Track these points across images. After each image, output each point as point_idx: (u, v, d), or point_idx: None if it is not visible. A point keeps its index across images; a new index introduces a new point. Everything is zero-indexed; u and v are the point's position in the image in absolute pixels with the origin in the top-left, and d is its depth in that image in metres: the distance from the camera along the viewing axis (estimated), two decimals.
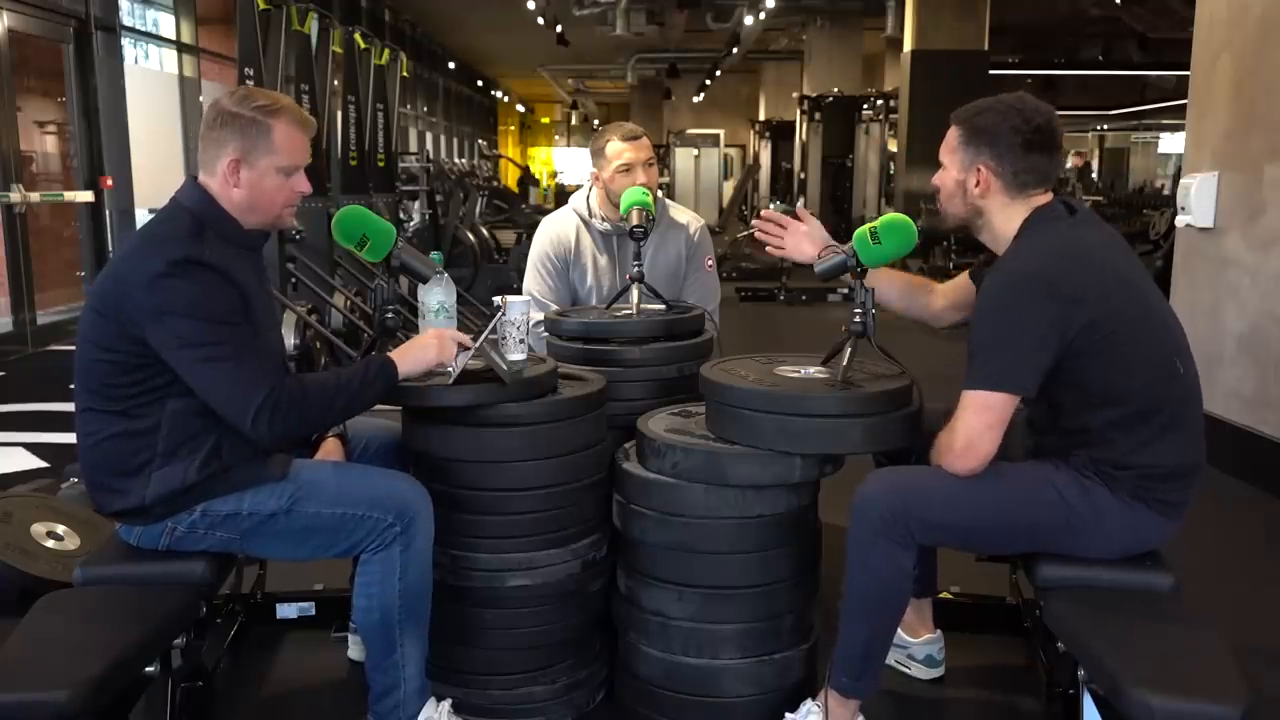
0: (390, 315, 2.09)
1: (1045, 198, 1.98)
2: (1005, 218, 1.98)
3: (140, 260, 1.86)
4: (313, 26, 6.43)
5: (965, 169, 1.99)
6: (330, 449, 2.16)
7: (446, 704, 2.05)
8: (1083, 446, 1.92)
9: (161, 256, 1.82)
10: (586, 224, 2.98)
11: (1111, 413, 1.89)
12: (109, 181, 7.83)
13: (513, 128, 36.08)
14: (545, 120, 37.65)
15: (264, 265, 2.11)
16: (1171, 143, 24.41)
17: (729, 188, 19.65)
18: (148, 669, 1.81)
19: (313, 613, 2.59)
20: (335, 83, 7.13)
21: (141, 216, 8.39)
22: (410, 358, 1.97)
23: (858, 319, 2.03)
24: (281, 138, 1.92)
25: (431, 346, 1.99)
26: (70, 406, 1.93)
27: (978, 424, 1.84)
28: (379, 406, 2.08)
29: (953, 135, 2.02)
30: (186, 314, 1.81)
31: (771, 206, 14.34)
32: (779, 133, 17.89)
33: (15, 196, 6.85)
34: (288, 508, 1.93)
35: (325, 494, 1.94)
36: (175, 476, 1.89)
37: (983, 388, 1.85)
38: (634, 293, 2.58)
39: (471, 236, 8.91)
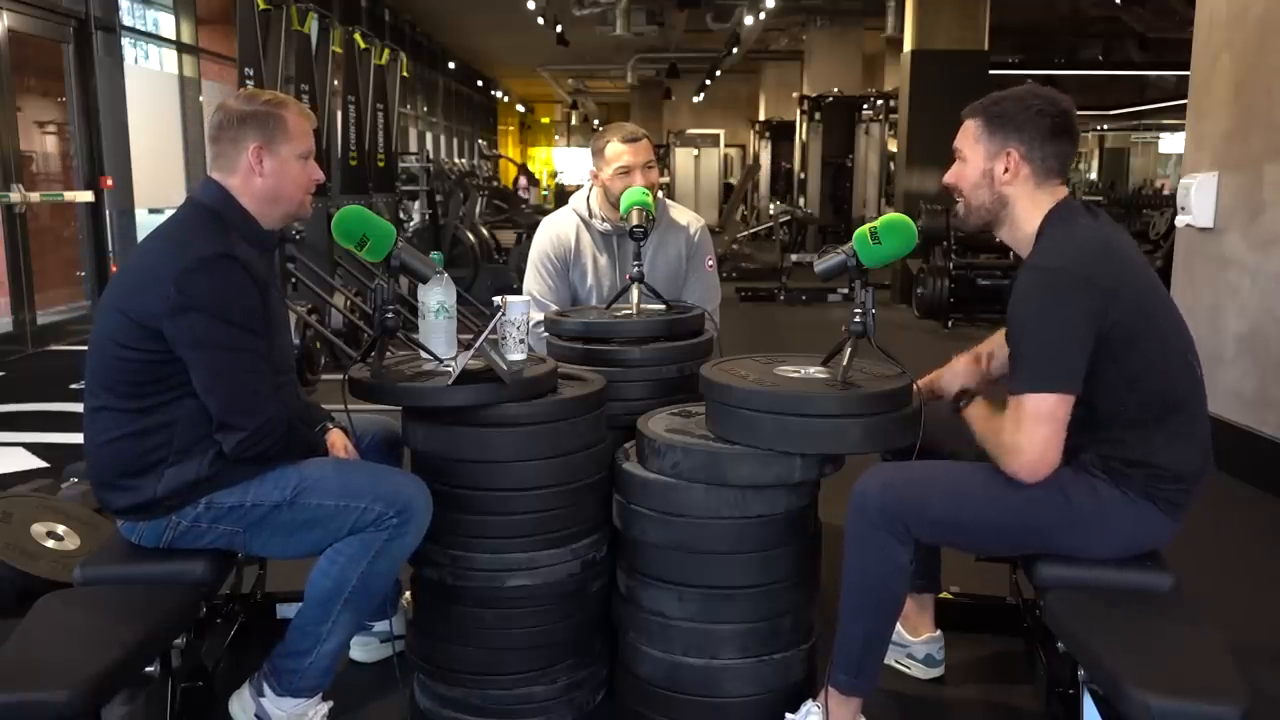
0: (390, 315, 2.09)
1: (1063, 190, 1.98)
2: (1029, 206, 1.96)
3: (167, 256, 1.90)
4: (313, 26, 6.44)
5: (992, 156, 1.96)
6: (335, 441, 2.15)
7: (327, 706, 2.10)
8: (1094, 445, 1.91)
9: (190, 252, 1.87)
10: (586, 224, 2.98)
11: (1131, 411, 1.88)
12: (109, 181, 7.83)
13: (513, 128, 36.06)
14: (545, 120, 37.62)
15: (275, 266, 2.13)
16: (1171, 143, 24.37)
17: None
18: (148, 669, 1.81)
19: None
20: (335, 83, 7.13)
21: (141, 216, 8.39)
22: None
23: (858, 319, 2.03)
24: (294, 125, 2.03)
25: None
26: (71, 406, 1.95)
27: (1045, 430, 1.81)
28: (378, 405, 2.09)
29: (973, 126, 2.00)
30: (207, 312, 1.86)
31: (773, 208, 14.34)
32: (779, 133, 17.87)
33: (15, 196, 6.85)
34: (291, 499, 1.95)
35: (329, 487, 1.96)
36: (188, 472, 1.93)
37: (1040, 391, 1.81)
38: (634, 293, 2.57)
39: (471, 236, 8.92)
